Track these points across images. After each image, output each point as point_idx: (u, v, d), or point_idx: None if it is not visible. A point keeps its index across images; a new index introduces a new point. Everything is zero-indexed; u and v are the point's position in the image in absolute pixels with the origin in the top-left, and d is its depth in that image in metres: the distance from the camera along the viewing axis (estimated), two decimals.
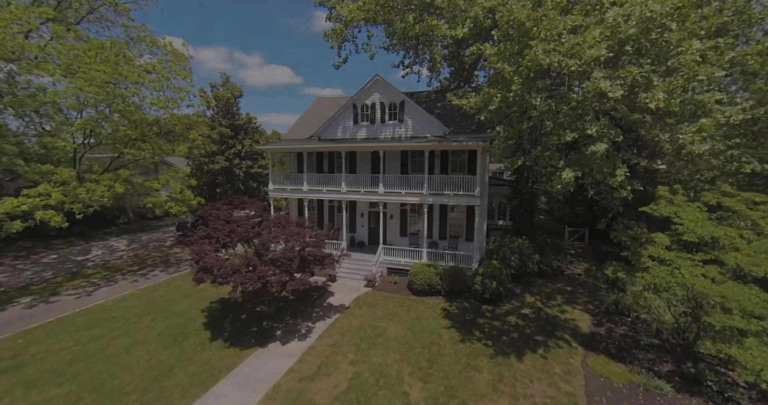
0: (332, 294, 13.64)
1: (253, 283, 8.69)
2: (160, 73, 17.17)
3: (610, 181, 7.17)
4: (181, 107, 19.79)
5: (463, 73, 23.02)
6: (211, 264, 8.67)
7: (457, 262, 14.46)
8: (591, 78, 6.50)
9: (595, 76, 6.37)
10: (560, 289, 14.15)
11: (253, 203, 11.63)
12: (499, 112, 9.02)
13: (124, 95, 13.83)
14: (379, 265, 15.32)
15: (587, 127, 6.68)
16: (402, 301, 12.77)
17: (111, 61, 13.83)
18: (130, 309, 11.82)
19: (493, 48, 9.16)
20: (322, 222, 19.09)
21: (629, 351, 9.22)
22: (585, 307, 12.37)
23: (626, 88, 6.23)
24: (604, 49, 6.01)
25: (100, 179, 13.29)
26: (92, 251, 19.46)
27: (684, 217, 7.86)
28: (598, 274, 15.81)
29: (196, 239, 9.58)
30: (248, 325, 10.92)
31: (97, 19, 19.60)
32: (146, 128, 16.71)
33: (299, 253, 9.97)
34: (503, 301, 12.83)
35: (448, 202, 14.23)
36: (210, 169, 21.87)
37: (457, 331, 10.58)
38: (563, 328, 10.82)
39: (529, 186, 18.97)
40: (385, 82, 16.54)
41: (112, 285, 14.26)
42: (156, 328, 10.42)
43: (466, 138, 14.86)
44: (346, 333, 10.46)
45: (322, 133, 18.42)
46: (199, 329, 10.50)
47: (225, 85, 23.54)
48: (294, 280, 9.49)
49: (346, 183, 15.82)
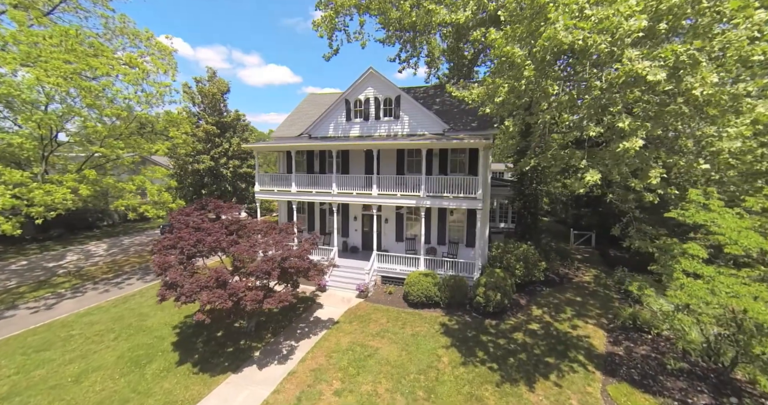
0: (321, 306, 12.45)
1: (223, 301, 7.49)
2: (137, 65, 15.91)
3: (640, 183, 6.01)
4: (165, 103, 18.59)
5: (462, 69, 21.85)
6: (173, 279, 7.46)
7: (457, 270, 13.29)
8: (623, 59, 5.33)
9: (628, 56, 5.20)
10: (569, 299, 13.00)
11: (231, 207, 10.41)
12: (506, 104, 7.85)
13: (93, 88, 12.56)
14: (373, 273, 14.14)
15: (618, 120, 5.51)
16: (397, 315, 11.59)
17: (78, 50, 12.56)
18: (92, 325, 10.57)
19: (498, 33, 8.02)
20: (314, 226, 17.89)
21: (655, 377, 8.07)
22: (598, 322, 11.23)
23: (667, 71, 5.08)
24: (645, 21, 4.86)
25: (62, 180, 12.01)
26: (67, 257, 18.17)
27: (725, 226, 6.72)
28: (609, 282, 14.71)
29: (159, 249, 8.35)
30: (223, 344, 9.71)
31: (72, 9, 18.27)
32: (121, 125, 15.45)
33: (279, 264, 8.76)
34: (508, 315, 11.68)
35: (448, 205, 13.06)
36: (195, 169, 20.59)
37: (457, 352, 9.41)
38: (576, 348, 9.66)
39: (533, 187, 17.83)
40: (380, 75, 15.36)
41: (79, 296, 13.00)
42: (117, 350, 9.19)
43: (467, 135, 13.70)
44: (332, 354, 9.27)
45: (313, 130, 17.21)
46: (166, 350, 9.27)
47: (211, 80, 22.25)
48: (272, 297, 8.28)
49: (337, 184, 14.63)
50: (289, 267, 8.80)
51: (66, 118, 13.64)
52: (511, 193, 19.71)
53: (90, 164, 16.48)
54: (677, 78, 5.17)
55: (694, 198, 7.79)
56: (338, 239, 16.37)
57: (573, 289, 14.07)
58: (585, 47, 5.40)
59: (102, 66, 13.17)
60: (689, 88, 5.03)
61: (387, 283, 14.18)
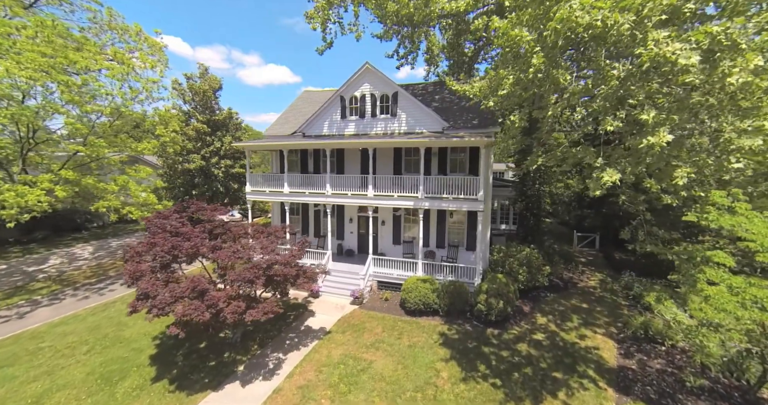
0: (313, 314, 11.75)
1: (200, 313, 6.78)
2: (123, 61, 15.19)
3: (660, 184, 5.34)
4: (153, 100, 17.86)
5: (462, 66, 21.18)
6: (145, 289, 6.75)
7: (457, 275, 12.61)
8: (647, 43, 4.65)
9: (654, 39, 4.53)
10: (575, 306, 12.33)
11: (215, 209, 9.70)
12: (511, 97, 7.17)
13: (71, 82, 11.83)
14: (369, 278, 13.44)
15: (641, 112, 4.84)
16: (393, 324, 10.90)
17: (56, 42, 11.84)
18: (65, 336, 9.84)
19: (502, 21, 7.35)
20: (308, 228, 17.19)
21: (674, 396, 7.39)
22: (607, 331, 10.55)
23: (700, 54, 4.42)
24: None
25: (36, 181, 11.28)
26: (50, 260, 17.41)
27: (756, 232, 6.06)
28: (616, 288, 14.05)
29: (132, 256, 7.63)
30: (205, 357, 9.00)
31: (56, 2, 17.56)
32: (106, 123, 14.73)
33: (264, 271, 8.06)
34: (511, 323, 11.00)
35: (447, 206, 12.38)
36: (185, 168, 19.84)
37: (457, 366, 8.72)
38: (585, 361, 8.99)
39: (536, 187, 17.17)
40: (377, 70, 14.67)
41: (57, 303, 12.25)
42: (88, 365, 8.45)
43: (468, 133, 13.02)
44: (322, 368, 8.57)
45: (307, 128, 16.52)
46: (142, 365, 8.55)
47: (203, 76, 21.50)
48: (256, 308, 7.58)
49: (331, 185, 13.94)
50: (274, 275, 8.10)
51: (45, 115, 12.89)
52: (513, 194, 19.04)
53: (73, 164, 15.74)
54: (711, 62, 4.51)
55: (717, 200, 7.12)
56: (332, 242, 15.67)
57: (578, 294, 13.40)
58: (604, 29, 4.74)
59: (83, 59, 12.44)
60: (726, 73, 4.36)
61: (383, 289, 13.48)
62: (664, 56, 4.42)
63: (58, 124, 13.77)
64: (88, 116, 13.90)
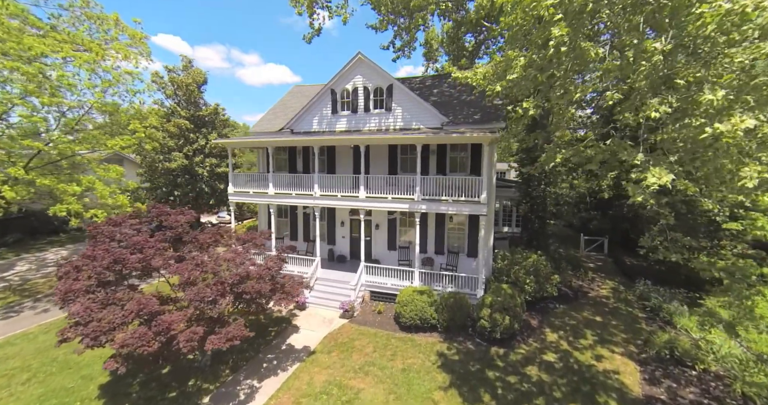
0: (297, 329, 10.52)
1: (145, 343, 5.54)
2: (90, 48, 13.90)
3: (727, 186, 4.16)
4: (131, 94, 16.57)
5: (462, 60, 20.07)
6: (76, 313, 5.51)
7: (458, 285, 11.41)
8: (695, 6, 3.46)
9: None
10: (588, 319, 11.16)
11: (181, 213, 8.44)
12: (523, 81, 5.96)
13: (23, 70, 10.54)
14: (360, 288, 12.23)
15: (701, 92, 3.65)
16: (386, 341, 9.69)
17: (7, 25, 10.54)
18: (6, 360, 8.54)
19: None
20: (296, 232, 15.95)
21: None
22: (626, 350, 9.39)
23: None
24: None
25: None
26: (16, 266, 16.09)
27: None
28: (630, 298, 12.90)
29: (66, 272, 6.37)
30: (166, 385, 7.75)
31: None
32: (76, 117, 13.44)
33: (232, 288, 6.83)
34: (518, 340, 9.82)
35: (446, 210, 11.18)
36: (166, 167, 18.54)
37: (458, 395, 7.53)
38: (605, 388, 7.80)
39: (541, 188, 16.00)
40: (370, 61, 13.43)
41: (12, 317, 10.96)
42: (22, 399, 7.17)
43: (469, 129, 11.82)
44: (302, 400, 7.34)
45: (295, 124, 15.27)
46: (89, 398, 7.29)
47: (186, 69, 20.20)
48: (219, 333, 6.34)
49: (319, 185, 12.70)
50: (244, 292, 6.87)
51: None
52: (516, 195, 17.87)
53: (40, 162, 14.42)
54: None
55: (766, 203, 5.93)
56: (323, 247, 14.45)
57: (590, 305, 12.23)
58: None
59: (40, 46, 11.15)
60: None
61: (376, 300, 12.27)
62: (743, 10, 3.22)
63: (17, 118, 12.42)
64: (51, 109, 12.61)
